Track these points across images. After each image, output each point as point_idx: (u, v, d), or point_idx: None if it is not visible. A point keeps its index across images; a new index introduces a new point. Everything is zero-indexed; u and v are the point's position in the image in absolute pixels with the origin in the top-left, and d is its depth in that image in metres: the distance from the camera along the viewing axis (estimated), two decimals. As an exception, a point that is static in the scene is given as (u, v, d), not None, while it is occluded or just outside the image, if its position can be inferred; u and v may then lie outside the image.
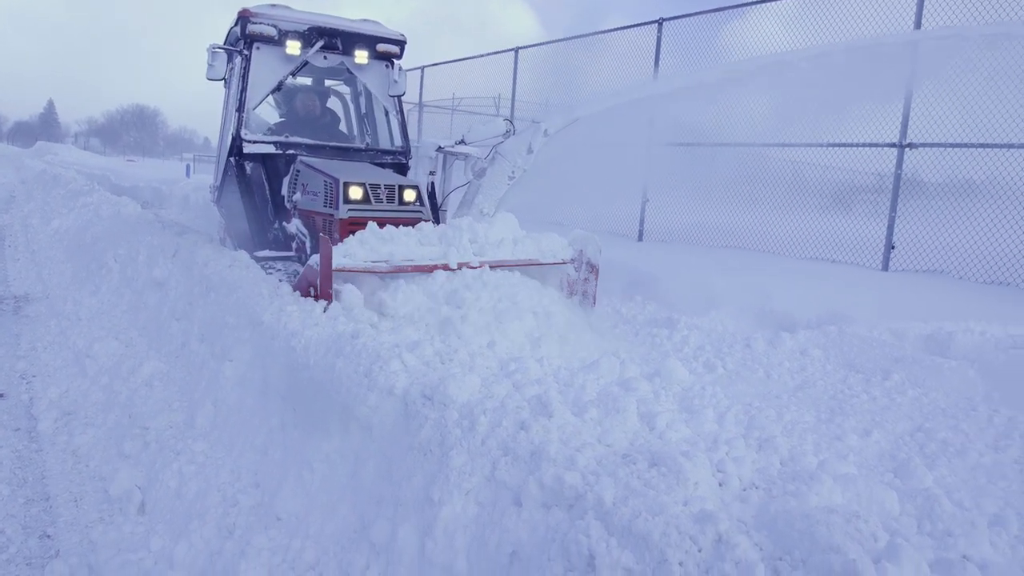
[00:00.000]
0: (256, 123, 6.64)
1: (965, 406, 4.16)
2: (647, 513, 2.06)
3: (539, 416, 2.50)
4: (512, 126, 6.16)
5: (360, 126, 7.77)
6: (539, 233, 5.40)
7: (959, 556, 2.01)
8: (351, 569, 2.78)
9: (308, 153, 6.54)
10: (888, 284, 7.22)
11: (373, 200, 5.58)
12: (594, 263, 5.52)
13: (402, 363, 3.09)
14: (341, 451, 3.08)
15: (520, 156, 5.85)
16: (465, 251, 4.85)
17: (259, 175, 6.55)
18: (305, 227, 6.01)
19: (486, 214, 5.76)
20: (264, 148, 6.46)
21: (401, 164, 7.14)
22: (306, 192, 6.01)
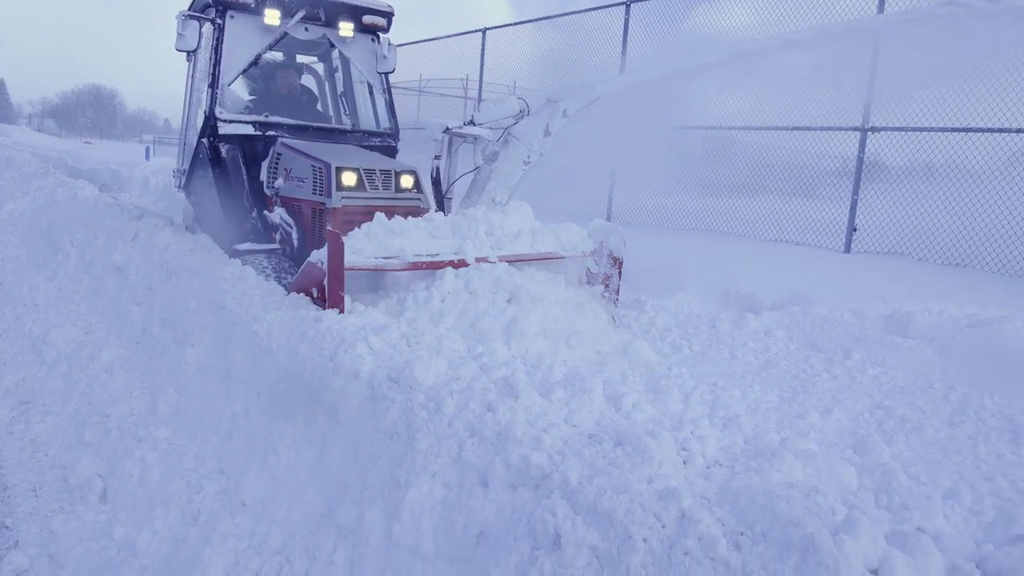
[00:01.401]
0: (232, 101, 6.05)
1: (922, 384, 4.26)
2: (612, 491, 2.08)
3: (506, 398, 2.50)
4: (526, 105, 5.52)
5: (337, 105, 7.17)
6: (557, 223, 4.98)
7: (914, 528, 2.06)
8: (318, 553, 2.76)
9: (289, 135, 6.01)
10: (850, 265, 7.37)
11: (368, 187, 5.13)
12: (617, 256, 5.07)
13: (368, 346, 3.06)
14: (306, 435, 3.05)
15: (536, 139, 5.24)
16: (482, 245, 4.42)
17: (236, 159, 5.96)
18: (290, 216, 5.57)
19: (498, 203, 5.25)
20: (242, 129, 5.89)
21: (390, 147, 6.67)
22: (290, 178, 5.55)
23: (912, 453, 3.47)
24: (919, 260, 8.09)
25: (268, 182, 5.84)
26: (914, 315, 5.11)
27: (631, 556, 1.95)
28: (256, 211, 5.97)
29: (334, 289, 3.74)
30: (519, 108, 5.46)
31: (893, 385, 4.24)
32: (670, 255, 7.09)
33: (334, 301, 3.76)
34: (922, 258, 8.16)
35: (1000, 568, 1.89)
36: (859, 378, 4.36)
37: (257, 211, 5.97)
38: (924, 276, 6.88)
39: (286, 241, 5.61)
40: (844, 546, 1.82)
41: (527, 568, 2.10)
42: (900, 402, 4.00)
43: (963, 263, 7.90)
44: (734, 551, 1.88)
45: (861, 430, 3.67)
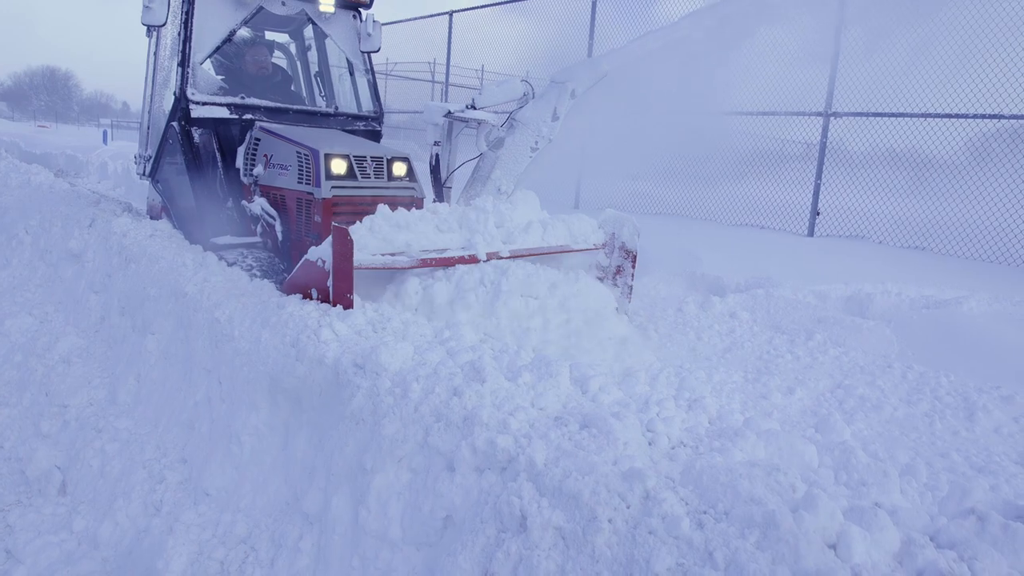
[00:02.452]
0: (205, 81, 5.59)
1: (882, 363, 4.36)
2: (577, 473, 2.09)
3: (472, 382, 2.49)
4: (530, 88, 5.14)
5: (311, 87, 6.73)
6: (566, 214, 4.67)
7: (871, 504, 2.11)
8: (284, 540, 2.74)
9: (267, 118, 5.61)
10: (813, 249, 7.49)
11: (359, 175, 4.79)
12: (630, 248, 4.70)
13: (333, 332, 3.03)
14: (270, 423, 3.01)
15: (544, 123, 4.87)
16: (492, 238, 4.10)
17: (210, 144, 5.52)
18: (272, 207, 5.19)
19: (504, 192, 4.91)
20: (216, 112, 5.44)
21: (375, 131, 6.29)
22: (271, 165, 5.16)
23: (871, 431, 3.55)
24: (880, 243, 8.27)
25: (245, 169, 5.47)
26: (874, 296, 5.22)
27: (596, 536, 1.97)
28: (232, 201, 5.57)
29: (341, 291, 3.42)
30: (523, 91, 5.12)
31: (853, 365, 4.32)
32: (637, 239, 7.12)
33: (342, 301, 3.45)
34: (883, 241, 8.34)
35: (953, 540, 1.94)
36: (821, 358, 4.44)
37: (233, 201, 5.57)
38: (884, 258, 7.04)
39: (268, 234, 5.25)
40: (804, 522, 1.86)
41: (493, 551, 2.10)
42: (860, 381, 4.09)
43: (921, 246, 8.09)
44: (697, 529, 1.91)
45: (822, 409, 3.74)
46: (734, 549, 1.81)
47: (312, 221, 4.73)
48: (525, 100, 5.08)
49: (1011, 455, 3.43)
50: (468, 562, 2.14)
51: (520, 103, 5.07)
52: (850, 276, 5.92)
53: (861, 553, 1.82)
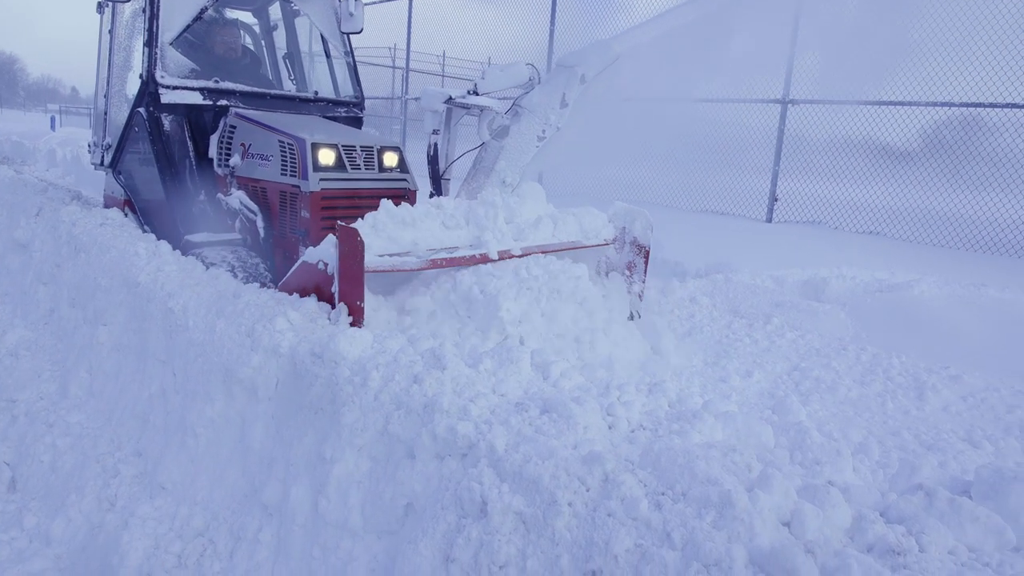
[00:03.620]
0: (176, 63, 5.14)
1: (836, 346, 4.46)
2: (538, 458, 2.09)
3: (432, 369, 2.48)
4: (536, 72, 4.81)
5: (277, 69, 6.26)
6: (576, 208, 4.37)
7: (825, 482, 2.15)
8: (243, 532, 2.70)
9: (242, 104, 5.21)
10: (771, 234, 7.62)
11: (348, 166, 4.47)
12: (643, 243, 4.40)
13: (288, 321, 2.97)
14: (225, 415, 2.95)
15: (552, 111, 4.53)
16: (503, 235, 3.83)
17: (182, 132, 5.10)
18: (252, 201, 4.81)
19: (509, 185, 4.60)
20: (188, 97, 5.00)
21: (356, 118, 5.93)
22: (249, 155, 4.80)
23: (826, 411, 3.63)
24: (836, 229, 8.45)
25: (219, 160, 5.10)
26: (829, 280, 5.33)
27: (556, 520, 1.97)
28: (206, 194, 5.17)
29: (350, 297, 3.11)
30: (528, 75, 4.78)
31: (809, 348, 4.41)
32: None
33: (350, 310, 3.14)
34: (838, 227, 8.52)
35: (902, 515, 2.00)
36: (778, 342, 4.52)
37: (207, 194, 5.17)
38: (839, 243, 7.19)
39: (248, 230, 4.86)
40: (759, 501, 1.89)
41: (454, 536, 2.10)
42: (816, 364, 4.17)
43: (875, 231, 8.29)
44: (655, 510, 1.93)
45: (779, 391, 3.81)
46: (691, 529, 1.84)
47: (298, 216, 4.43)
48: (531, 85, 4.76)
49: (958, 432, 3.54)
50: (429, 549, 2.13)
51: (525, 88, 4.75)
52: (807, 261, 6.05)
53: (814, 530, 1.86)
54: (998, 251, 7.33)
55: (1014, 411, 3.80)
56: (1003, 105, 7.55)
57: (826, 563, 1.73)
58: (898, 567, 1.75)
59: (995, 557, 1.86)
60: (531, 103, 4.60)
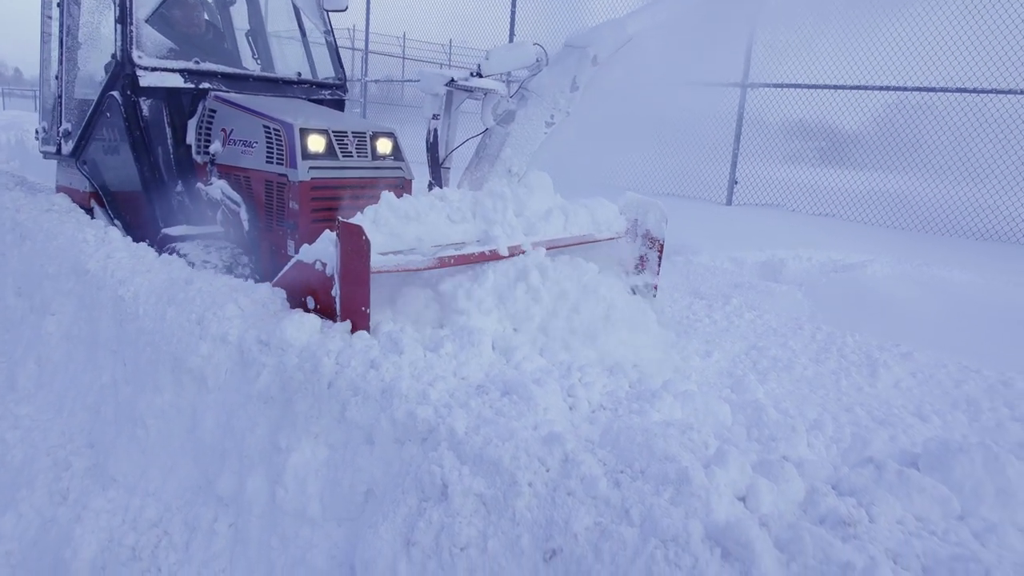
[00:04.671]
0: (152, 42, 4.71)
1: (793, 325, 4.54)
2: (498, 440, 2.09)
3: (390, 354, 2.45)
4: (544, 53, 4.44)
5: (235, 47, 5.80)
6: (585, 198, 4.11)
7: (779, 457, 2.19)
8: (198, 523, 2.65)
9: (225, 87, 4.83)
10: (730, 217, 7.72)
11: (340, 153, 4.18)
12: (656, 236, 4.18)
13: (238, 307, 2.90)
14: (175, 405, 2.88)
15: (562, 94, 4.24)
16: (513, 229, 3.57)
17: (160, 118, 4.72)
18: (235, 191, 4.48)
19: (515, 174, 4.33)
20: (168, 79, 4.61)
21: (340, 101, 5.60)
22: (231, 142, 4.49)
23: (782, 389, 3.70)
24: (793, 211, 8.60)
25: (198, 146, 4.74)
26: (787, 262, 5.43)
27: (516, 500, 1.98)
28: (183, 184, 4.81)
29: (354, 300, 2.81)
30: (535, 56, 4.41)
31: (767, 327, 4.49)
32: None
33: (354, 317, 2.82)
34: (796, 209, 8.67)
35: (853, 487, 2.05)
36: (737, 322, 4.59)
37: (184, 184, 4.81)
38: (796, 226, 7.32)
39: (230, 222, 4.52)
40: (715, 477, 1.92)
41: (415, 520, 2.09)
42: (772, 343, 4.25)
43: (831, 214, 8.46)
44: (614, 488, 1.94)
45: (737, 370, 3.87)
46: (649, 505, 1.86)
47: (286, 208, 4.14)
48: (538, 67, 4.41)
49: (908, 408, 3.64)
50: (390, 533, 2.12)
51: (532, 70, 4.41)
52: (765, 243, 6.15)
53: (769, 504, 1.90)
54: (947, 232, 7.54)
55: (961, 386, 3.92)
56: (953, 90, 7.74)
57: (780, 536, 1.76)
58: (849, 537, 1.79)
59: (941, 526, 1.92)
60: (539, 86, 4.31)
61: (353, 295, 2.80)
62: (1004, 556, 1.77)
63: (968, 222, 7.52)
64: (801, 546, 1.71)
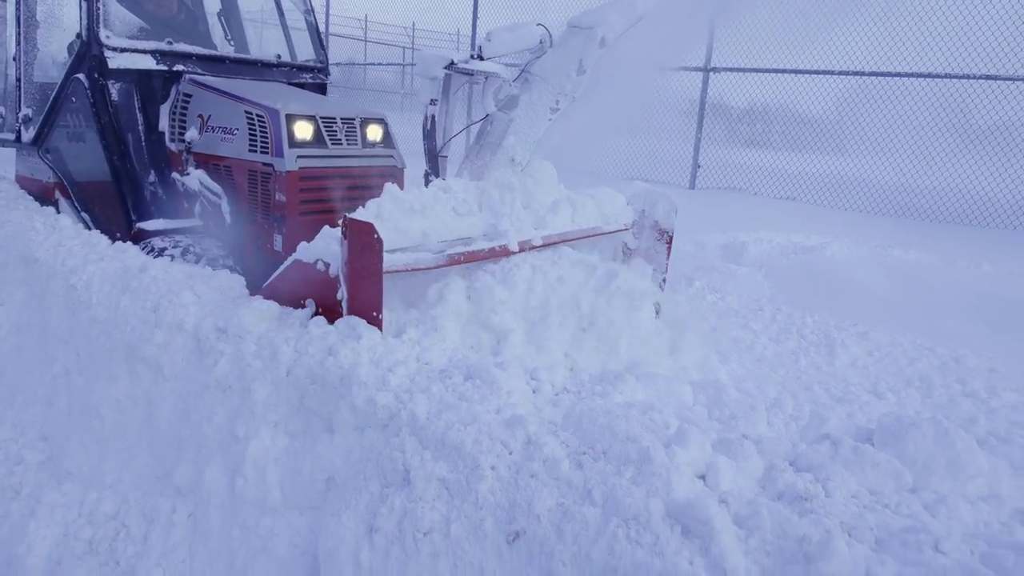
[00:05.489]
0: (121, 21, 4.46)
1: (753, 307, 4.61)
2: (460, 424, 2.08)
3: (348, 339, 2.42)
4: (548, 34, 4.17)
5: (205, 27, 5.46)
6: (591, 188, 3.96)
7: (739, 435, 2.23)
8: (156, 514, 2.60)
9: (200, 70, 4.54)
10: (694, 200, 7.78)
11: (329, 141, 3.96)
12: (665, 227, 4.03)
13: (194, 294, 2.83)
14: (131, 395, 2.82)
15: (568, 79, 3.99)
16: (521, 223, 3.40)
17: (131, 103, 4.41)
18: (215, 182, 4.20)
19: (518, 163, 4.09)
20: (140, 61, 4.29)
21: (322, 85, 5.35)
22: (208, 128, 4.23)
23: (743, 369, 3.76)
24: (755, 195, 8.71)
25: (172, 133, 4.47)
26: (748, 244, 5.50)
27: (479, 484, 1.97)
28: (156, 174, 4.51)
29: (364, 304, 2.59)
30: (539, 37, 4.14)
31: (728, 309, 4.55)
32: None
33: (368, 319, 2.60)
34: (757, 192, 8.78)
35: (810, 464, 2.09)
36: (700, 304, 4.64)
37: (157, 174, 4.51)
38: (758, 209, 7.42)
39: (210, 215, 4.26)
40: (675, 456, 1.93)
41: (377, 507, 2.07)
42: (734, 324, 4.31)
43: (791, 197, 8.58)
44: (577, 470, 1.95)
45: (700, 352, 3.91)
46: (611, 486, 1.87)
47: (273, 200, 3.89)
48: (541, 49, 4.15)
49: (865, 385, 3.73)
50: (352, 520, 2.10)
51: (535, 53, 4.14)
52: (727, 225, 6.21)
53: (728, 481, 1.92)
54: (906, 215, 7.71)
55: (915, 364, 4.03)
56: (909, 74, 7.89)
57: (738, 512, 1.79)
58: (805, 512, 1.83)
59: (894, 498, 1.97)
60: (543, 70, 4.04)
61: (363, 298, 2.58)
62: (953, 527, 1.82)
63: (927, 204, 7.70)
64: (759, 521, 1.74)
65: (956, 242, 6.28)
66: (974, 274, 5.37)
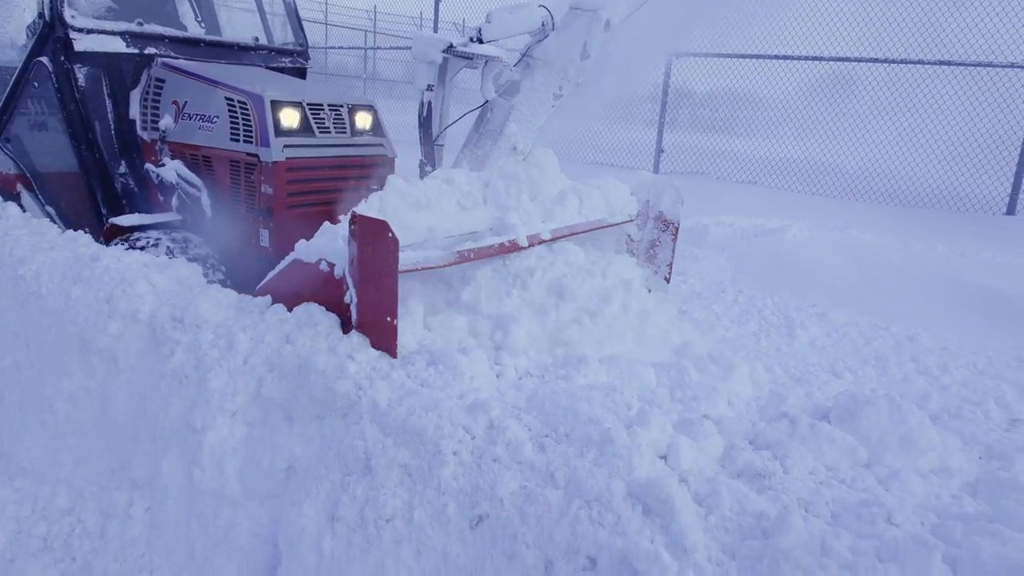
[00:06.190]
0: (86, 0, 4.15)
1: (716, 289, 4.66)
2: (421, 410, 2.06)
3: (305, 327, 2.38)
4: (550, 16, 3.93)
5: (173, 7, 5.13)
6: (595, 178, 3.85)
7: (700, 416, 2.25)
8: (113, 508, 2.54)
9: (173, 53, 4.28)
10: (657, 185, 7.80)
11: (316, 129, 3.78)
12: (670, 219, 3.91)
13: (149, 284, 2.76)
14: (85, 388, 2.74)
15: (571, 64, 3.80)
16: (530, 216, 3.28)
17: (98, 89, 4.14)
18: (193, 173, 3.98)
19: (520, 152, 3.93)
20: (109, 43, 4.03)
21: (302, 69, 5.10)
22: (185, 116, 4.00)
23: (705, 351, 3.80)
24: (717, 179, 8.79)
25: (144, 121, 4.22)
26: (710, 227, 5.55)
27: (442, 469, 1.96)
28: (127, 165, 4.27)
29: (377, 309, 2.39)
30: (541, 19, 3.90)
31: (691, 292, 4.60)
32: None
33: (376, 328, 2.41)
34: (720, 177, 8.87)
35: (769, 441, 2.12)
36: (663, 287, 4.68)
37: (128, 165, 4.28)
38: (721, 192, 7.49)
39: (189, 209, 4.02)
40: (637, 437, 1.95)
41: (339, 495, 2.05)
42: (697, 307, 4.35)
43: (753, 181, 8.69)
44: (539, 452, 1.95)
45: (663, 334, 3.95)
46: (573, 467, 1.87)
47: (258, 192, 3.69)
48: (543, 32, 3.92)
49: (823, 365, 3.81)
50: (313, 509, 2.08)
51: (537, 36, 3.93)
52: (690, 209, 6.23)
53: (689, 460, 1.94)
54: (862, 198, 7.86)
55: (871, 343, 4.12)
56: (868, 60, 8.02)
57: (698, 490, 1.81)
58: (764, 489, 1.86)
59: (849, 474, 2.01)
60: (546, 54, 3.83)
61: (376, 303, 2.39)
62: (905, 500, 1.87)
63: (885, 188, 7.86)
64: (718, 499, 1.76)
65: (912, 224, 6.43)
66: (929, 255, 5.50)
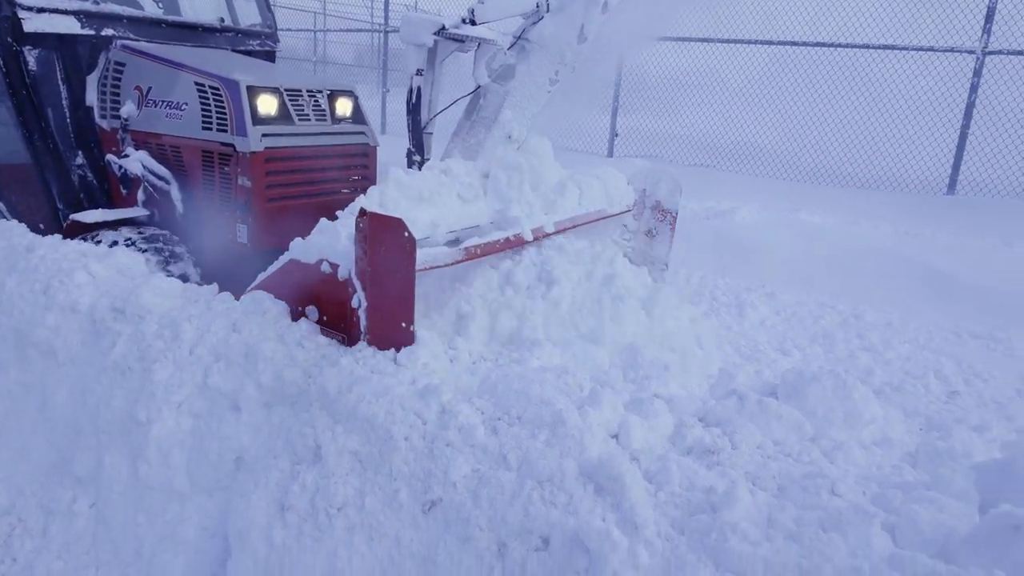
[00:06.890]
0: None
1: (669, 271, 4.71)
2: (372, 396, 2.04)
3: (253, 315, 2.32)
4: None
5: None
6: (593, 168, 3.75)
7: (651, 395, 2.27)
8: (55, 505, 2.46)
9: (133, 35, 4.02)
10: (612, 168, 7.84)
11: (295, 117, 3.57)
12: (667, 208, 3.84)
13: (89, 274, 2.65)
14: (23, 383, 2.64)
15: (568, 46, 3.61)
16: (532, 208, 3.17)
17: (51, 73, 3.86)
18: (161, 165, 3.76)
19: (515, 140, 3.75)
20: (61, 23, 3.77)
21: (270, 53, 4.88)
22: (149, 103, 3.75)
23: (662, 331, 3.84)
24: (671, 162, 8.88)
25: (103, 109, 3.97)
26: (663, 210, 5.60)
27: (393, 455, 1.94)
28: (84, 156, 4.00)
29: (391, 315, 2.22)
30: (535, 1, 3.69)
31: (645, 275, 4.63)
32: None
33: (391, 337, 2.26)
34: (673, 160, 8.96)
35: (718, 419, 2.15)
36: (617, 270, 4.71)
37: (86, 155, 4.00)
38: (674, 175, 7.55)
39: (157, 203, 3.79)
40: (588, 417, 1.96)
41: (288, 484, 2.01)
42: (651, 289, 4.39)
43: (706, 164, 8.80)
44: (492, 435, 1.95)
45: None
46: (526, 449, 1.87)
47: (234, 185, 3.48)
48: (538, 14, 3.70)
49: (773, 343, 3.89)
50: (263, 499, 2.04)
51: (532, 18, 3.71)
52: (644, 193, 6.30)
53: (639, 439, 1.96)
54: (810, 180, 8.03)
55: (819, 321, 4.22)
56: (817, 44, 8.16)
57: (649, 468, 1.83)
58: (713, 464, 1.89)
59: (795, 448, 2.06)
60: (542, 37, 3.63)
61: (389, 308, 2.18)
62: (849, 471, 1.92)
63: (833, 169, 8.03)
64: (668, 476, 1.78)
65: (859, 205, 6.59)
66: (874, 234, 5.65)
